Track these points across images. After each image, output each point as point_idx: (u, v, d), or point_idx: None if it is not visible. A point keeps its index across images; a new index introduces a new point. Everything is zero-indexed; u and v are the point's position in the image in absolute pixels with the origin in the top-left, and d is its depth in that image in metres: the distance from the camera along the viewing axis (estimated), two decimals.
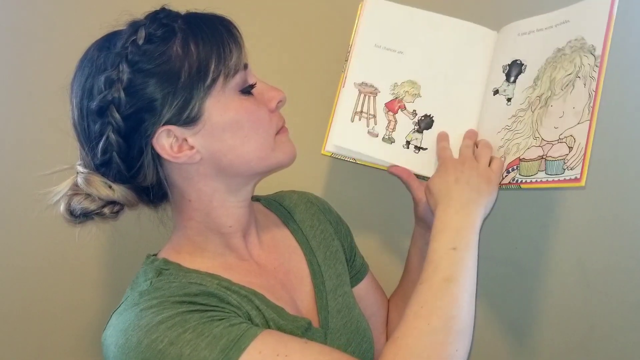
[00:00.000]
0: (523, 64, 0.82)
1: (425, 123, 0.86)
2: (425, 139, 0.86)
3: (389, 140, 0.86)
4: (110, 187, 0.66)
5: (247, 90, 0.69)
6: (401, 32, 0.88)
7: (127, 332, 0.59)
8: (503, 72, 0.84)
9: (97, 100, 0.63)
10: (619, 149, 0.95)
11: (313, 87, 1.01)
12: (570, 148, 0.73)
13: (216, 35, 0.66)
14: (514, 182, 0.77)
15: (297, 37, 1.03)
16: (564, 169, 0.72)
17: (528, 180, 0.76)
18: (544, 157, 0.75)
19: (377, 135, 0.86)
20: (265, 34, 1.01)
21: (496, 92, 0.84)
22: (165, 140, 0.65)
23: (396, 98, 0.87)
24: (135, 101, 0.63)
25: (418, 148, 0.86)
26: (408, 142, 0.86)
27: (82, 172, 0.67)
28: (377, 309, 0.91)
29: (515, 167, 0.78)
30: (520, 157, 0.78)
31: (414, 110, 0.87)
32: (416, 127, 0.86)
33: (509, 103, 0.83)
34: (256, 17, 1.01)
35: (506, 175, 0.79)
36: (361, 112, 0.86)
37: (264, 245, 0.77)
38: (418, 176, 0.86)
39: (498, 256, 1.02)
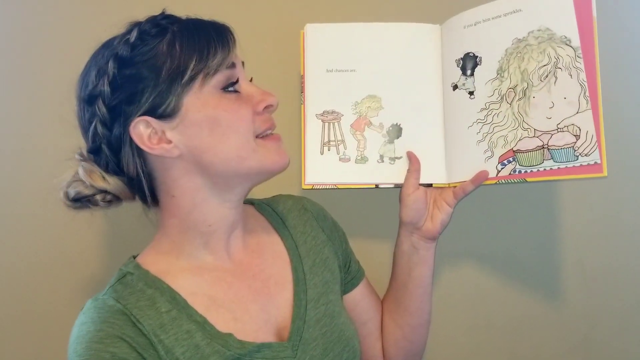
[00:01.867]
0: (477, 56, 0.82)
1: (395, 132, 0.86)
2: (398, 148, 0.86)
3: (362, 160, 0.86)
4: (104, 178, 0.69)
5: (229, 87, 0.69)
6: (348, 50, 0.87)
7: (70, 346, 0.65)
8: (458, 66, 0.83)
9: (88, 91, 0.68)
10: (619, 149, 0.95)
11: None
12: (577, 136, 0.74)
13: (203, 36, 0.68)
14: (516, 173, 0.78)
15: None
16: (577, 156, 0.74)
17: (534, 170, 0.77)
18: (546, 146, 0.76)
19: (349, 160, 0.86)
20: None
21: (455, 87, 0.84)
22: (143, 131, 0.67)
23: (360, 116, 0.86)
24: (118, 94, 0.66)
25: (393, 159, 0.86)
26: (382, 156, 0.86)
27: (81, 160, 0.71)
28: (373, 314, 0.90)
29: (511, 159, 0.78)
30: (514, 149, 0.78)
31: (381, 123, 0.86)
32: (386, 139, 0.86)
33: (472, 96, 0.82)
34: None
35: (502, 169, 0.79)
36: (329, 141, 0.87)
37: (249, 249, 0.77)
38: (398, 185, 0.86)
39: (498, 256, 1.03)
